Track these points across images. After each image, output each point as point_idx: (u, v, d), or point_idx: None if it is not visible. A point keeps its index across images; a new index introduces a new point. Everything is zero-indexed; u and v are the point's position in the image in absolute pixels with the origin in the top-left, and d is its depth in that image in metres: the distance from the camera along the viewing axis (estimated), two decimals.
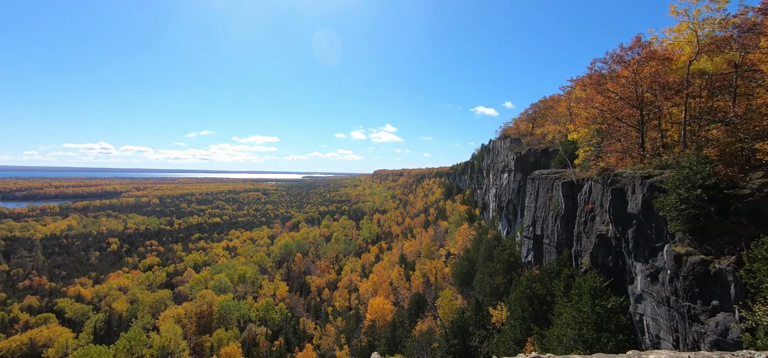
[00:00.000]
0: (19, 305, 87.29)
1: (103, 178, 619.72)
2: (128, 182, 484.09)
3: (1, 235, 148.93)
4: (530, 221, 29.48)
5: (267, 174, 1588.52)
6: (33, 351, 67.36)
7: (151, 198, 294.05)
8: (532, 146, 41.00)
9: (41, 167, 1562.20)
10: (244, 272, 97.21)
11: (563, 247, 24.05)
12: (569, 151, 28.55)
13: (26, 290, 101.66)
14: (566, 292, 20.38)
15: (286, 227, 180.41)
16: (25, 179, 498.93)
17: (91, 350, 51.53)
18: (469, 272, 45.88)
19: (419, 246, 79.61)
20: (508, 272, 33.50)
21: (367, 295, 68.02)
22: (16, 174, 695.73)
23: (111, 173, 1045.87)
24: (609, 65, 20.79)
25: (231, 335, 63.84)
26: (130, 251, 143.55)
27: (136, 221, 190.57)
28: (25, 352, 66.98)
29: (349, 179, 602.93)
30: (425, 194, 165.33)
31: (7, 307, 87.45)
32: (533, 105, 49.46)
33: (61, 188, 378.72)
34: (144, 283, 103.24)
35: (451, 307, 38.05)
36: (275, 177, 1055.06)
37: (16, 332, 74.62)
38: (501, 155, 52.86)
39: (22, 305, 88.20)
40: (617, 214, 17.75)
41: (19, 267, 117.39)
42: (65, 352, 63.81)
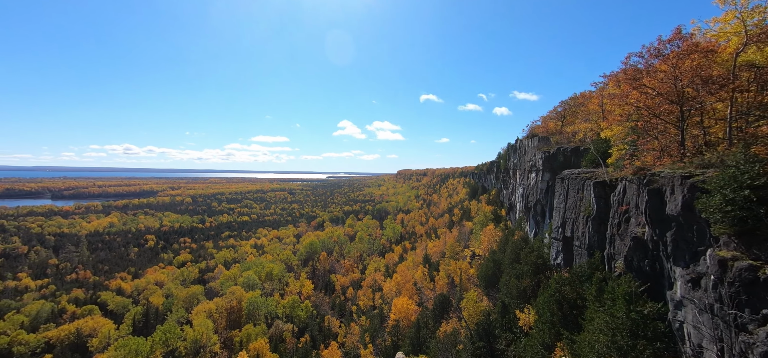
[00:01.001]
0: (67, 297, 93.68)
1: (140, 178, 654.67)
2: (164, 182, 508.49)
3: (51, 231, 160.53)
4: (559, 222, 28.54)
5: (292, 174, 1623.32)
6: (79, 341, 72.11)
7: (184, 197, 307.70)
8: (561, 145, 39.66)
9: (81, 167, 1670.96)
10: (272, 269, 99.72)
11: (595, 249, 23.12)
12: (601, 150, 27.41)
13: (73, 282, 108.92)
14: (598, 296, 19.58)
15: (312, 226, 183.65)
16: (72, 178, 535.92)
17: (131, 342, 54.59)
18: (494, 273, 45.00)
19: (443, 246, 78.85)
20: (535, 275, 32.60)
21: (391, 295, 68.13)
22: (63, 174, 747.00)
23: (145, 173, 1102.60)
24: (646, 59, 19.80)
25: (259, 331, 65.68)
26: (166, 248, 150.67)
27: (170, 219, 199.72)
28: (73, 341, 71.79)
29: (372, 178, 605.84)
30: (449, 194, 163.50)
31: (56, 298, 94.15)
32: (563, 102, 47.80)
33: (104, 187, 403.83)
34: (178, 278, 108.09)
35: (476, 309, 37.44)
36: (301, 177, 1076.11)
37: (64, 322, 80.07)
38: (528, 155, 51.45)
39: (70, 296, 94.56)
40: (654, 216, 16.87)
41: (67, 261, 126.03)
42: (108, 342, 67.89)
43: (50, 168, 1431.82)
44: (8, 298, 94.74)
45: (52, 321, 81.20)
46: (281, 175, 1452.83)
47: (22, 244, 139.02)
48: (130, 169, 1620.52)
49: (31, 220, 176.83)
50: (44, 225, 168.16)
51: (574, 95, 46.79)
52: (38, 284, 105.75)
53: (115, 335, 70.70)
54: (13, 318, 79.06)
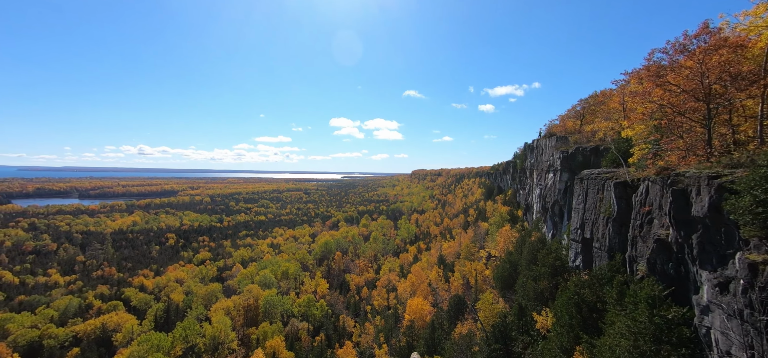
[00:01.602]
0: (93, 293, 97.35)
1: (161, 178, 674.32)
2: (184, 182, 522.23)
3: (78, 229, 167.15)
4: (578, 223, 27.90)
5: (307, 174, 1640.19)
6: (105, 335, 74.84)
7: (203, 197, 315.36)
8: (580, 144, 38.77)
9: (104, 168, 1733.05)
10: (287, 268, 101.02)
11: (615, 251, 22.51)
12: (623, 150, 26.66)
13: (99, 279, 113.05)
14: (619, 299, 19.07)
15: (327, 226, 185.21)
16: (97, 178, 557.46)
17: (153, 337, 56.28)
18: (511, 275, 44.37)
19: (458, 247, 78.22)
20: (553, 277, 31.97)
21: (406, 295, 68.06)
22: (89, 174, 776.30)
23: (165, 173, 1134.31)
24: (670, 56, 19.15)
25: (275, 329, 66.64)
26: (186, 246, 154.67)
27: (190, 218, 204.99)
28: (99, 335, 74.57)
29: (387, 178, 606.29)
30: (464, 194, 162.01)
31: (83, 294, 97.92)
32: (582, 101, 46.67)
33: (127, 187, 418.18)
34: (197, 276, 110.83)
35: (491, 310, 37.00)
36: (316, 177, 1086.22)
37: (90, 317, 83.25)
38: (546, 154, 50.50)
39: (96, 292, 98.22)
40: (679, 217, 16.30)
41: (93, 258, 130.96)
42: (131, 337, 70.18)
43: (76, 168, 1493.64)
44: (39, 293, 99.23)
45: (80, 316, 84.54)
46: (297, 175, 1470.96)
47: (51, 241, 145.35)
48: (150, 170, 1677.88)
49: (60, 218, 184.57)
50: (72, 223, 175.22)
51: (594, 94, 45.65)
52: (66, 280, 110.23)
53: (138, 331, 73.06)
54: (43, 312, 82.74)
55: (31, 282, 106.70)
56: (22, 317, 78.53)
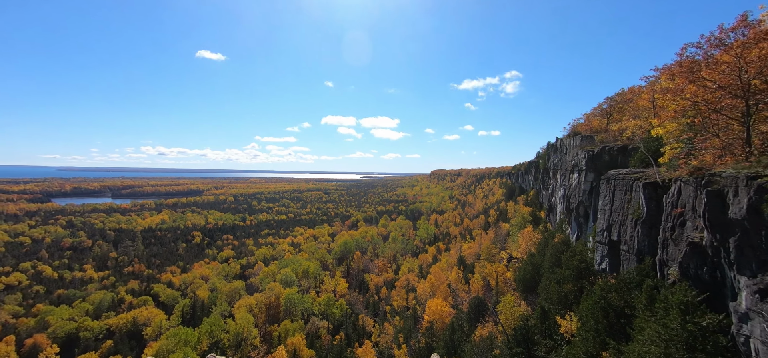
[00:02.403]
0: (125, 288, 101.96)
1: (187, 178, 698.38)
2: (209, 182, 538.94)
3: (111, 227, 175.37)
4: (605, 225, 26.99)
5: (327, 174, 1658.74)
6: (135, 329, 78.21)
7: (227, 196, 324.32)
8: (606, 144, 37.48)
9: (133, 168, 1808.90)
10: (308, 267, 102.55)
11: (645, 254, 21.65)
12: (652, 149, 25.60)
13: (130, 275, 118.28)
14: (649, 305, 18.31)
15: (346, 226, 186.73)
16: (129, 178, 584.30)
17: (180, 332, 58.36)
18: (533, 277, 43.41)
19: (479, 248, 77.19)
20: (578, 280, 31.05)
21: (425, 296, 67.76)
22: (121, 174, 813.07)
23: (189, 174, 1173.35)
24: (704, 50, 18.26)
25: (296, 327, 67.81)
26: (210, 244, 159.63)
27: (215, 217, 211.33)
28: (130, 329, 78.00)
29: (406, 178, 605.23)
30: (485, 194, 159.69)
31: (116, 289, 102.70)
32: (608, 98, 45.06)
33: (156, 186, 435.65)
34: (221, 273, 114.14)
35: (513, 313, 36.32)
36: (335, 177, 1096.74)
37: (123, 311, 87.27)
38: (570, 154, 49.11)
39: (127, 287, 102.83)
40: (714, 220, 15.52)
41: (125, 255, 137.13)
42: (160, 331, 73.02)
43: (108, 168, 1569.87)
44: (76, 287, 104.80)
45: (113, 310, 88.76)
46: (316, 175, 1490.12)
47: (87, 238, 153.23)
48: (174, 170, 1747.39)
49: (95, 216, 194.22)
50: (106, 221, 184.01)
51: (622, 91, 44.00)
52: (100, 275, 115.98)
53: (166, 325, 75.97)
54: (80, 306, 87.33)
55: (69, 277, 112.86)
56: (60, 309, 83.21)
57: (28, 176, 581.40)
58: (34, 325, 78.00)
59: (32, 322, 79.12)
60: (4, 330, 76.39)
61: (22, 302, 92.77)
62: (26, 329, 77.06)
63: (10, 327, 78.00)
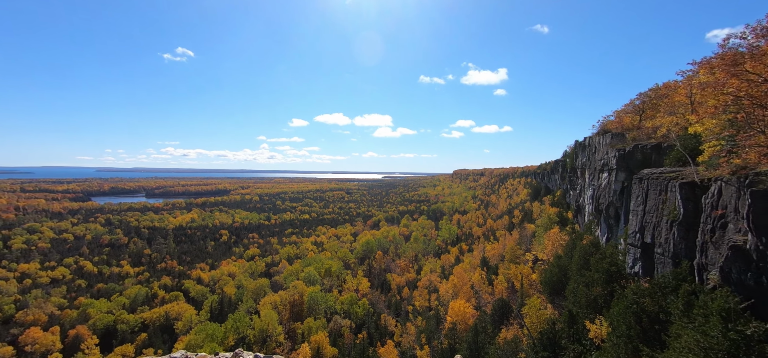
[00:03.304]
0: (158, 284, 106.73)
1: (214, 178, 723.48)
2: (235, 182, 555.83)
3: (145, 225, 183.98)
4: (637, 226, 25.85)
5: (349, 174, 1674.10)
6: (168, 322, 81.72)
7: (252, 196, 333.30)
8: (639, 142, 35.87)
9: (162, 168, 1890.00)
10: (330, 266, 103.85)
11: (681, 258, 20.58)
12: (690, 147, 24.29)
13: (162, 271, 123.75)
14: (686, 311, 17.40)
15: (368, 225, 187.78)
16: (161, 178, 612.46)
17: (209, 327, 60.55)
18: (560, 280, 42.13)
19: (502, 249, 75.73)
20: (608, 283, 29.88)
21: (448, 296, 67.16)
22: (154, 175, 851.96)
23: (215, 174, 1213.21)
24: (749, 41, 17.15)
25: (319, 325, 68.84)
26: (237, 242, 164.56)
27: (241, 216, 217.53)
28: (162, 323, 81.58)
29: (428, 178, 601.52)
30: (509, 194, 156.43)
31: (149, 284, 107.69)
32: (641, 94, 43.01)
33: (186, 186, 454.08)
34: (247, 271, 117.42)
35: (539, 316, 35.38)
36: (357, 177, 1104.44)
37: (156, 305, 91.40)
38: (599, 153, 47.32)
39: (160, 283, 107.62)
40: (759, 222, 14.57)
41: (158, 252, 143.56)
42: (190, 326, 76.04)
43: (142, 169, 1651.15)
44: (113, 282, 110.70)
45: (147, 304, 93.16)
46: (339, 175, 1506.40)
47: (123, 235, 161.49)
48: (200, 170, 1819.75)
49: (130, 215, 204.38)
50: (140, 219, 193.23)
51: (656, 86, 41.93)
52: (136, 271, 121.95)
53: (196, 320, 79.02)
54: (117, 300, 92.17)
55: (107, 272, 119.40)
56: (100, 303, 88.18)
57: (71, 177, 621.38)
58: (76, 317, 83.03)
59: (75, 314, 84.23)
60: (50, 321, 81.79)
61: (66, 295, 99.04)
62: (70, 320, 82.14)
63: (55, 318, 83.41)
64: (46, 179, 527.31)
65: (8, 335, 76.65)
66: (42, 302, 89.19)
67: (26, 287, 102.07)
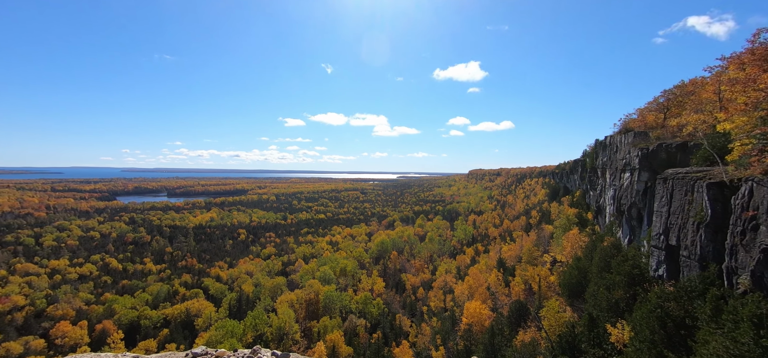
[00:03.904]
0: (179, 281, 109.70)
1: (233, 178, 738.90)
2: (253, 182, 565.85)
3: (167, 223, 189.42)
4: (661, 228, 25.00)
5: (364, 174, 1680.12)
6: (188, 319, 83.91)
7: (269, 196, 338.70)
8: (663, 140, 34.68)
9: (182, 168, 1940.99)
10: (345, 266, 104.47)
11: (708, 261, 19.79)
12: (718, 146, 23.35)
13: (183, 268, 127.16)
14: (714, 316, 16.73)
15: (383, 225, 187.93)
16: (182, 178, 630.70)
17: (228, 324, 61.86)
18: (579, 282, 41.15)
19: (519, 250, 74.52)
20: (630, 286, 29.02)
21: (463, 298, 66.57)
22: (175, 175, 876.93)
23: (233, 174, 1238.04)
24: None
25: (335, 324, 69.34)
26: (254, 241, 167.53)
27: (258, 215, 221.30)
28: (183, 319, 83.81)
29: (443, 178, 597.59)
30: (526, 195, 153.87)
31: (171, 281, 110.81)
32: (665, 92, 41.49)
33: (205, 186, 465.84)
34: (264, 269, 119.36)
35: (557, 319, 34.68)
36: (372, 177, 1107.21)
37: (177, 302, 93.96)
38: (621, 152, 45.98)
39: (181, 280, 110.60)
40: None
41: (179, 250, 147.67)
42: (210, 322, 77.84)
43: (164, 169, 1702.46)
44: (137, 278, 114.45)
45: (168, 300, 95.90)
46: (354, 175, 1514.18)
47: (146, 234, 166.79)
48: (218, 170, 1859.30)
49: (153, 214, 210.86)
50: (162, 218, 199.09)
51: (681, 83, 40.45)
52: (158, 268, 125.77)
53: (215, 317, 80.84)
54: (141, 296, 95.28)
55: (131, 269, 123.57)
56: (124, 299, 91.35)
57: (97, 177, 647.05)
58: (102, 312, 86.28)
59: (101, 309, 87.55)
60: (78, 315, 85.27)
61: (93, 291, 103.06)
62: (96, 315, 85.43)
63: (83, 313, 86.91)
64: (74, 178, 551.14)
65: (40, 329, 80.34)
66: (71, 297, 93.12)
67: (56, 282, 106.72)
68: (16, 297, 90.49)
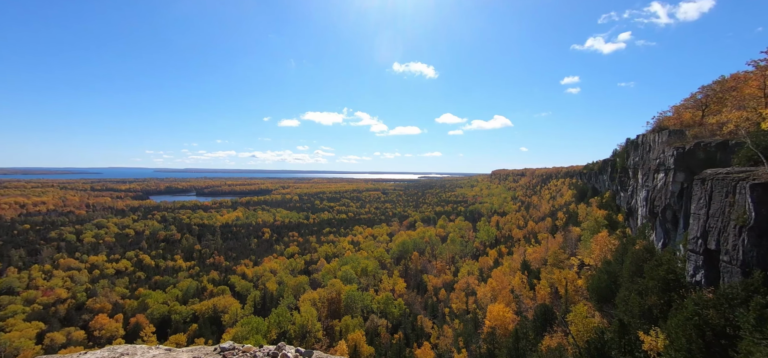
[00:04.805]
0: (207, 278, 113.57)
1: (258, 178, 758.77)
2: (276, 182, 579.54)
3: (196, 222, 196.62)
4: (699, 231, 23.71)
5: (385, 174, 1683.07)
6: (216, 314, 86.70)
7: (292, 195, 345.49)
8: (701, 139, 32.88)
9: (209, 169, 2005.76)
10: (366, 265, 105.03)
11: (752, 267, 18.59)
12: (763, 144, 21.93)
13: (211, 265, 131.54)
14: (759, 326, 15.72)
15: (404, 226, 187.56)
16: (210, 178, 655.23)
17: (253, 320, 63.54)
18: (609, 286, 39.62)
19: (545, 253, 72.54)
20: (665, 292, 27.65)
21: (486, 300, 65.51)
22: (204, 175, 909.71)
23: (259, 174, 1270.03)
24: None
25: (356, 323, 69.87)
26: (278, 240, 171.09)
27: (282, 215, 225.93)
28: (211, 315, 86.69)
29: (465, 179, 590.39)
30: (552, 196, 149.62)
31: (199, 278, 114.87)
32: (704, 88, 39.27)
33: (232, 186, 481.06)
34: (288, 268, 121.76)
35: (586, 325, 33.49)
36: (393, 177, 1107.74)
37: (205, 298, 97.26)
38: (654, 151, 43.93)
39: (209, 277, 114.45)
40: None
41: (207, 247, 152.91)
42: (236, 318, 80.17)
43: (193, 169, 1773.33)
44: (168, 275, 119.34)
45: (197, 296, 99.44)
46: (375, 175, 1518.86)
47: (176, 231, 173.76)
48: (239, 171, 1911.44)
49: (183, 212, 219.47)
50: (191, 217, 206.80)
51: (721, 78, 38.18)
52: (187, 265, 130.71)
53: (241, 313, 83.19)
54: (171, 292, 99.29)
55: (163, 265, 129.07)
56: (156, 294, 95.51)
57: (132, 177, 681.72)
58: (136, 306, 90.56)
59: (135, 303, 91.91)
60: (115, 309, 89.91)
61: (128, 286, 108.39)
62: (131, 309, 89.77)
63: (119, 306, 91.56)
64: (111, 178, 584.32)
65: (80, 320, 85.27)
66: (108, 291, 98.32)
67: (95, 277, 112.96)
68: (60, 290, 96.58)
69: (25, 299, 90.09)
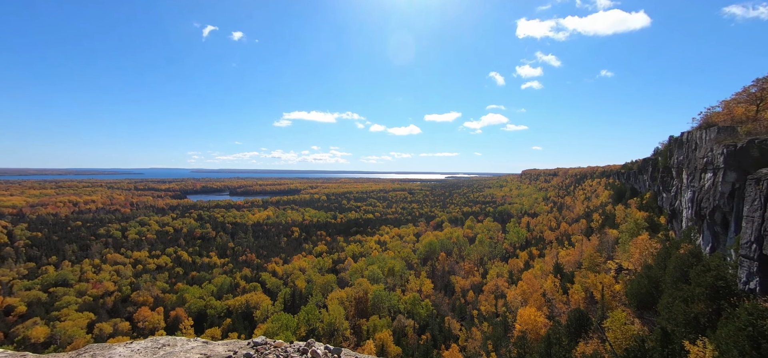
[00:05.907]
0: (240, 275, 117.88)
1: (287, 178, 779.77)
2: (305, 182, 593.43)
3: (230, 220, 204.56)
4: (753, 235, 21.98)
5: (412, 174, 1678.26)
6: (248, 310, 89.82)
7: (320, 195, 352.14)
8: (755, 136, 30.43)
9: (241, 169, 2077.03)
10: (393, 266, 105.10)
11: None
12: None
13: (243, 263, 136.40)
14: None
15: (430, 226, 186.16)
16: (243, 178, 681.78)
17: (283, 317, 65.28)
18: (650, 292, 37.48)
19: (579, 256, 69.67)
20: (713, 300, 25.85)
21: (516, 303, 63.81)
22: (236, 175, 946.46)
23: (289, 174, 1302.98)
24: None
25: (383, 323, 70.02)
26: (307, 239, 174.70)
27: (310, 214, 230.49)
28: (243, 310, 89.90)
29: (494, 179, 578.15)
30: (587, 196, 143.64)
31: (233, 274, 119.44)
32: (759, 81, 36.22)
33: (263, 186, 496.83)
34: (316, 266, 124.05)
35: (624, 332, 31.83)
36: (420, 177, 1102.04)
37: (238, 294, 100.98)
38: (701, 149, 41.07)
39: (241, 274, 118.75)
40: None
41: (239, 245, 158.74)
42: (267, 315, 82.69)
43: (227, 170, 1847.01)
44: (204, 271, 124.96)
45: (231, 292, 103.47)
46: (402, 175, 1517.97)
47: (211, 229, 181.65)
48: (265, 171, 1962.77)
49: (217, 211, 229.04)
50: (225, 216, 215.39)
51: None
52: (222, 261, 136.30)
53: (272, 310, 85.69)
54: (207, 287, 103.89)
55: (199, 262, 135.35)
56: (193, 289, 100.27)
57: (171, 177, 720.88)
58: (175, 300, 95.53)
59: (174, 297, 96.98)
60: (156, 302, 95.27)
61: (168, 280, 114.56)
62: (170, 302, 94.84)
63: (160, 300, 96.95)
64: (153, 178, 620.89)
65: (125, 312, 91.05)
66: (150, 285, 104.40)
67: (138, 271, 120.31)
68: (107, 283, 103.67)
69: (78, 291, 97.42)
